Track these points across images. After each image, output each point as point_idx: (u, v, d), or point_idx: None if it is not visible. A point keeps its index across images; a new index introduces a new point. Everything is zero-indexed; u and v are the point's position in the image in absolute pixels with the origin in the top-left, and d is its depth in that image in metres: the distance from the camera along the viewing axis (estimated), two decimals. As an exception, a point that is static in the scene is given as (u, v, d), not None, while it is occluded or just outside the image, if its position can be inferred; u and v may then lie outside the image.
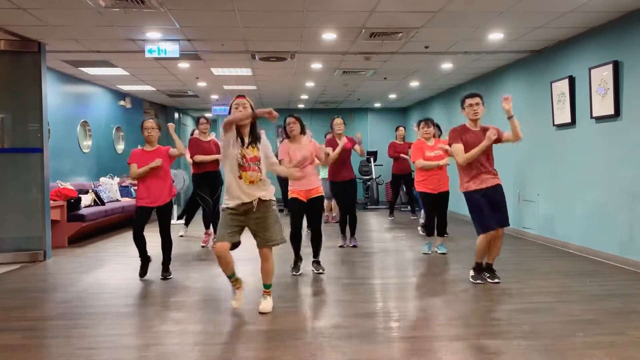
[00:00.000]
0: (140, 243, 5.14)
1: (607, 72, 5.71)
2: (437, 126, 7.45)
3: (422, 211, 7.52)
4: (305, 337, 3.50)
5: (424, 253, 6.27)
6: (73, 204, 7.37)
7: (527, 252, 6.49)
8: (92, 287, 4.93)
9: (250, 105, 3.94)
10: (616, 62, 5.60)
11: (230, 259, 3.93)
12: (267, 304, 4.00)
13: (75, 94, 9.03)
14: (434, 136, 7.36)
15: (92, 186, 8.58)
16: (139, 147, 5.42)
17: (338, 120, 6.57)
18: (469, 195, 4.70)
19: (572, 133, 6.50)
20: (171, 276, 5.15)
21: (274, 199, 4.01)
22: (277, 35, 6.35)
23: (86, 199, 8.02)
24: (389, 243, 7.33)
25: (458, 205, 8.72)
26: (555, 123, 6.79)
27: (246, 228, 3.97)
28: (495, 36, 6.40)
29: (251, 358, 3.15)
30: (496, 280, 4.80)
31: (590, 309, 4.01)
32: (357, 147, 6.60)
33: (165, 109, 13.48)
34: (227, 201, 3.91)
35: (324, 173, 8.24)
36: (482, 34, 6.33)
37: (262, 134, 4.03)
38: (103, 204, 8.32)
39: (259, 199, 3.87)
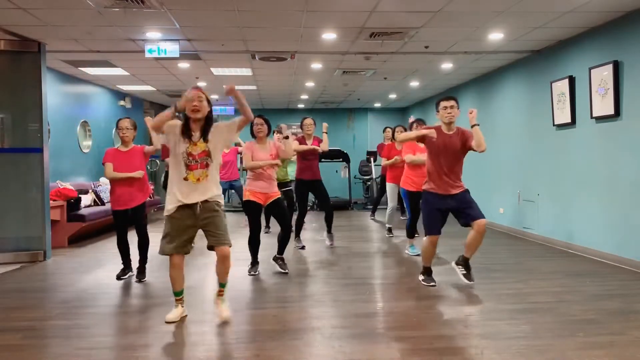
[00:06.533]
0: (124, 248, 5.18)
1: (607, 72, 5.71)
2: (405, 130, 7.38)
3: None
4: (305, 337, 3.50)
5: (416, 255, 6.20)
6: (73, 204, 7.37)
7: (527, 252, 6.49)
8: (92, 287, 4.93)
9: (207, 99, 3.74)
10: (616, 62, 5.60)
11: (182, 272, 3.80)
12: (225, 309, 3.81)
13: (75, 94, 9.03)
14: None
15: (92, 186, 8.58)
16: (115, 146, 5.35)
17: (308, 121, 6.57)
18: (425, 195, 4.70)
19: (572, 133, 6.50)
20: (145, 279, 5.10)
21: (221, 200, 3.78)
22: (277, 35, 6.35)
23: (86, 199, 8.02)
24: (388, 243, 7.32)
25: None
26: (555, 123, 6.79)
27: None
28: (495, 36, 6.40)
29: (251, 358, 3.14)
30: (470, 281, 4.68)
31: (590, 309, 4.01)
32: (321, 145, 6.48)
33: (165, 109, 13.47)
34: (168, 206, 3.69)
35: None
36: (482, 34, 6.33)
37: (216, 124, 3.79)
38: (103, 204, 8.32)
39: (205, 200, 3.67)
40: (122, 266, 5.25)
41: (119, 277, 5.15)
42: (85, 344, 3.39)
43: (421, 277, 4.91)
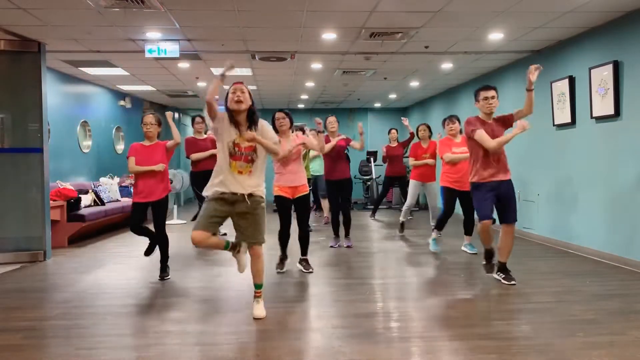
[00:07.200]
0: (142, 231, 5.16)
1: (607, 72, 5.71)
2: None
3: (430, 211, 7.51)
4: (305, 337, 3.50)
5: (435, 251, 6.25)
6: (73, 204, 7.37)
7: (527, 252, 6.48)
8: (92, 287, 4.93)
9: (248, 92, 3.79)
10: (616, 62, 5.60)
11: (212, 241, 3.75)
12: (260, 309, 3.86)
13: (75, 94, 9.03)
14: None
15: (92, 186, 8.58)
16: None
17: (331, 119, 6.60)
18: (476, 186, 4.68)
19: (572, 133, 6.50)
20: (169, 277, 5.13)
21: (263, 196, 3.83)
22: (277, 35, 6.35)
23: (86, 199, 8.02)
24: (388, 243, 7.32)
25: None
26: (555, 123, 6.79)
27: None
28: (495, 36, 6.40)
29: (251, 358, 3.14)
30: (512, 282, 4.72)
31: (590, 309, 4.01)
32: (353, 143, 6.54)
33: (165, 109, 13.49)
34: (215, 186, 3.71)
35: (320, 169, 8.26)
36: (482, 34, 6.33)
37: (263, 121, 3.87)
38: (103, 204, 8.32)
39: (247, 194, 3.71)
40: (148, 243, 5.30)
41: (146, 254, 5.29)
42: (85, 344, 3.39)
43: (483, 262, 4.92)
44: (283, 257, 5.40)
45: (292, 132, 5.32)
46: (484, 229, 4.69)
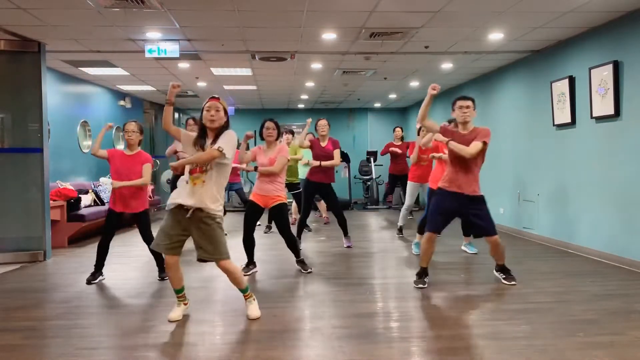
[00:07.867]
0: (103, 252, 5.07)
1: (607, 72, 5.71)
2: None
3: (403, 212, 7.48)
4: (306, 337, 3.50)
5: (416, 254, 6.23)
6: (73, 204, 7.38)
7: (527, 252, 6.49)
8: (92, 287, 4.93)
9: (224, 108, 3.72)
10: (616, 62, 5.60)
11: (179, 271, 3.82)
12: (254, 309, 3.86)
13: (75, 94, 9.03)
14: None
15: (92, 186, 8.58)
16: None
17: (322, 122, 6.57)
18: (438, 191, 4.73)
19: (572, 133, 6.50)
20: (167, 277, 5.12)
21: (219, 213, 3.70)
22: (277, 35, 6.35)
23: (86, 199, 8.02)
24: (388, 243, 7.33)
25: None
26: (555, 123, 6.79)
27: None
28: (495, 36, 6.40)
29: (251, 358, 3.14)
30: (513, 282, 4.74)
31: (590, 309, 4.01)
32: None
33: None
34: (169, 200, 3.71)
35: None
36: (482, 34, 6.33)
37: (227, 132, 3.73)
38: (103, 204, 8.32)
39: (199, 208, 3.59)
40: (93, 269, 5.11)
41: (89, 282, 5.02)
42: (85, 344, 3.39)
43: (414, 279, 4.85)
44: (249, 262, 5.36)
45: (280, 142, 5.36)
46: (428, 241, 4.70)
